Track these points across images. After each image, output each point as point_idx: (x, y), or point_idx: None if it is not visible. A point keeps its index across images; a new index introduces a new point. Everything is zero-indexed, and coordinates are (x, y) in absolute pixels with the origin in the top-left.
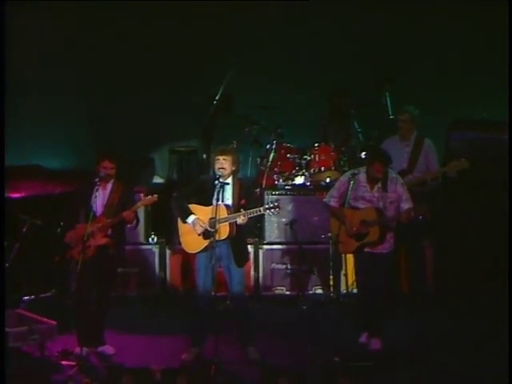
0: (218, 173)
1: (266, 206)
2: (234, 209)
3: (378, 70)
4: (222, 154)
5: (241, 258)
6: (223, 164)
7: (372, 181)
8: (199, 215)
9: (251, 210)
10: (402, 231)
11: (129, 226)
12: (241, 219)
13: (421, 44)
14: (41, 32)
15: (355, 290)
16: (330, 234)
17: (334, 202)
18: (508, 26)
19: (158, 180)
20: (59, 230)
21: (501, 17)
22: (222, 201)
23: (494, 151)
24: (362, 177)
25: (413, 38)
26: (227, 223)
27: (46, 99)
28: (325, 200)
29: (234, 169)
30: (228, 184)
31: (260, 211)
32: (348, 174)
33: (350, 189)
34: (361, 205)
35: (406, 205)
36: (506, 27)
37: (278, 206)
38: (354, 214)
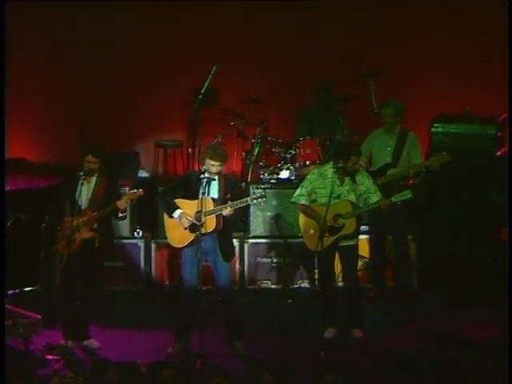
0: (207, 172)
1: (253, 196)
2: (220, 202)
3: (364, 64)
4: (213, 159)
5: (228, 252)
6: (212, 168)
7: (344, 175)
8: (185, 209)
9: (238, 201)
10: (386, 226)
11: (120, 215)
12: (228, 210)
13: (407, 38)
14: (33, 29)
15: (340, 284)
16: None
17: (303, 200)
18: (508, 25)
19: (143, 174)
20: (44, 224)
21: (493, 15)
22: (208, 195)
23: (477, 145)
24: (330, 172)
25: (399, 32)
26: (214, 216)
27: (32, 93)
28: (293, 200)
29: (221, 168)
30: (214, 180)
31: (247, 201)
32: (315, 172)
33: (319, 186)
34: (331, 200)
35: (375, 197)
36: (498, 25)
37: (264, 196)
38: (325, 209)
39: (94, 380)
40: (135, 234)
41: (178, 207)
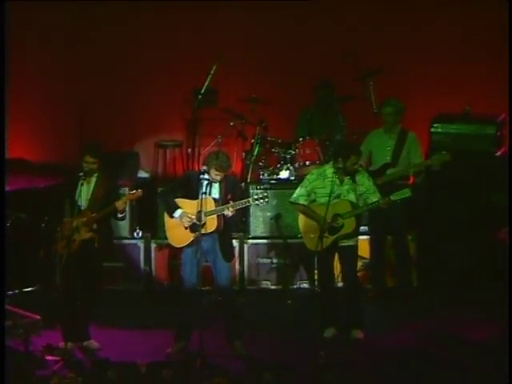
0: (208, 176)
1: (255, 197)
2: (221, 203)
3: (363, 64)
4: (218, 171)
5: (228, 252)
6: (216, 177)
7: (344, 175)
8: (186, 209)
9: (239, 202)
10: (385, 226)
11: (119, 215)
12: (229, 210)
13: (407, 38)
14: (33, 29)
15: (340, 284)
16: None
17: (302, 201)
18: (508, 25)
19: (142, 174)
20: (43, 224)
21: (493, 15)
22: (210, 195)
23: (477, 145)
24: (330, 172)
25: (399, 31)
26: (215, 216)
27: (32, 93)
28: (292, 200)
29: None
30: (216, 182)
31: (249, 202)
32: (315, 172)
33: (318, 186)
34: (331, 200)
35: (374, 197)
36: (498, 25)
37: (266, 197)
38: (325, 209)
39: (94, 380)
40: (135, 234)
41: (178, 207)
